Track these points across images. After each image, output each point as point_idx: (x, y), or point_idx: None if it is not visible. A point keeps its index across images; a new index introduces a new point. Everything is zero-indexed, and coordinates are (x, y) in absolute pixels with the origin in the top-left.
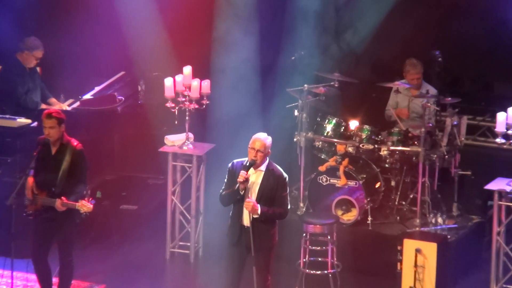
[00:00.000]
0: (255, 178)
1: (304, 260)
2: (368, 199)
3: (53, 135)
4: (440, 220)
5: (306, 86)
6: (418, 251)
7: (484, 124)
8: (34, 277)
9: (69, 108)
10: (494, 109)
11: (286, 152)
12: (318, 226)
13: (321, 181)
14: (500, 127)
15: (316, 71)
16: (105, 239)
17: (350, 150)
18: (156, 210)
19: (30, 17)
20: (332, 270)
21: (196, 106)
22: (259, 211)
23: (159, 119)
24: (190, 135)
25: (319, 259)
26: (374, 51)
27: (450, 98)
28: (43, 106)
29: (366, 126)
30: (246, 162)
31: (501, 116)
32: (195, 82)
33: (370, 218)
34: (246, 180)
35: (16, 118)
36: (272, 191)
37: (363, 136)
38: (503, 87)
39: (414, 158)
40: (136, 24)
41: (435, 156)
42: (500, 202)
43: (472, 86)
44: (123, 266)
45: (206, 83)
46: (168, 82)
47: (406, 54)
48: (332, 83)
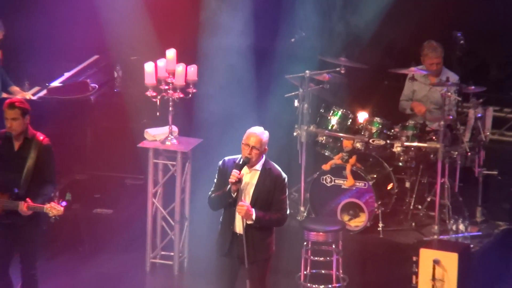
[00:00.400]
0: (250, 178)
1: (305, 272)
2: (379, 203)
3: (16, 128)
4: (461, 226)
5: (307, 72)
6: (436, 263)
7: None
8: None
9: (34, 97)
10: None
11: (285, 148)
12: (321, 233)
13: (324, 181)
14: None
15: (319, 55)
16: (75, 249)
17: (359, 146)
18: (134, 214)
19: None
20: (337, 285)
21: (181, 95)
22: (254, 217)
23: (138, 110)
24: (174, 129)
25: (322, 272)
26: (386, 32)
27: (473, 87)
28: (4, 95)
29: (377, 119)
30: (239, 160)
31: None
32: (180, 68)
33: (381, 225)
34: (239, 180)
35: None
36: (268, 194)
37: (374, 130)
38: None
39: (432, 156)
40: (111, 0)
41: (456, 153)
42: None
43: (499, 73)
44: (96, 280)
45: (193, 69)
46: (148, 67)
47: (423, 35)
48: (337, 69)
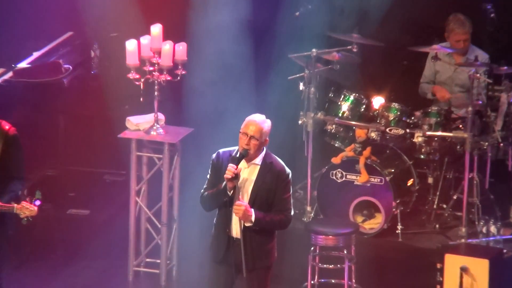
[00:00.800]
0: (248, 174)
1: (312, 282)
2: (397, 201)
3: None
4: (493, 229)
5: (314, 51)
6: (464, 270)
7: None
8: None
9: None
10: None
11: (289, 139)
12: (330, 237)
13: (334, 177)
14: None
15: (328, 31)
16: (46, 256)
17: (374, 136)
18: (115, 216)
19: None
20: None
21: (168, 78)
22: (253, 218)
23: (119, 95)
24: (160, 116)
25: (333, 281)
26: (405, 4)
27: (506, 67)
28: None
29: (395, 104)
30: (236, 153)
31: None
32: (167, 46)
33: (400, 227)
34: (236, 176)
35: None
36: (270, 192)
37: (391, 117)
38: None
39: (458, 147)
40: None
41: (487, 144)
42: None
43: None
44: None
45: (182, 48)
46: (130, 45)
47: (449, 8)
48: (349, 47)
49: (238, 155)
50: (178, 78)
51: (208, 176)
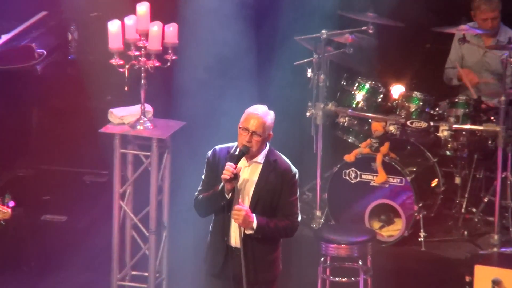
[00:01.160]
0: (249, 174)
1: None
2: (420, 205)
3: None
4: None
5: (324, 32)
6: (496, 283)
7: None
8: None
9: None
10: None
11: (295, 134)
12: (343, 246)
13: (348, 177)
14: None
15: (339, 10)
16: (17, 267)
17: (392, 129)
18: (96, 222)
19: None
20: None
21: (156, 64)
22: (255, 225)
23: (101, 84)
24: (148, 108)
25: None
26: None
27: None
28: None
29: (417, 94)
30: (235, 150)
31: None
32: (155, 28)
33: (423, 234)
34: (235, 177)
35: None
36: (274, 194)
37: (412, 108)
38: None
39: (490, 142)
40: None
41: None
42: None
43: None
44: None
45: (172, 29)
46: (113, 27)
47: None
48: (364, 28)
49: (237, 153)
50: (168, 64)
51: (203, 176)
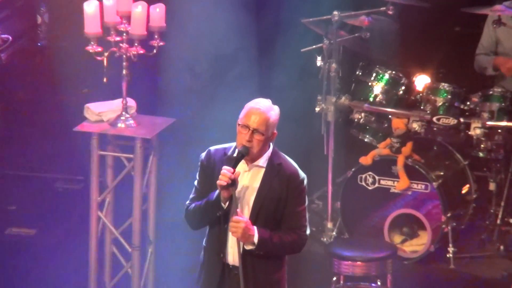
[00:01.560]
0: (250, 179)
1: None
2: (448, 215)
3: None
4: None
5: (336, 13)
6: None
7: None
8: None
9: None
10: None
11: (302, 132)
12: (359, 263)
13: (364, 183)
14: None
15: None
16: None
17: (416, 127)
18: (70, 236)
19: None
20: None
21: (140, 51)
22: (256, 239)
23: (75, 75)
24: (131, 103)
25: None
26: None
27: None
28: None
29: (444, 85)
30: (233, 151)
31: None
32: (139, 9)
33: (452, 249)
34: (233, 183)
35: None
36: (278, 203)
37: (439, 102)
38: None
39: None
40: None
41: None
42: None
43: None
44: None
45: (159, 10)
46: (90, 8)
47: None
48: (382, 9)
49: (235, 155)
50: (154, 51)
51: (195, 182)
